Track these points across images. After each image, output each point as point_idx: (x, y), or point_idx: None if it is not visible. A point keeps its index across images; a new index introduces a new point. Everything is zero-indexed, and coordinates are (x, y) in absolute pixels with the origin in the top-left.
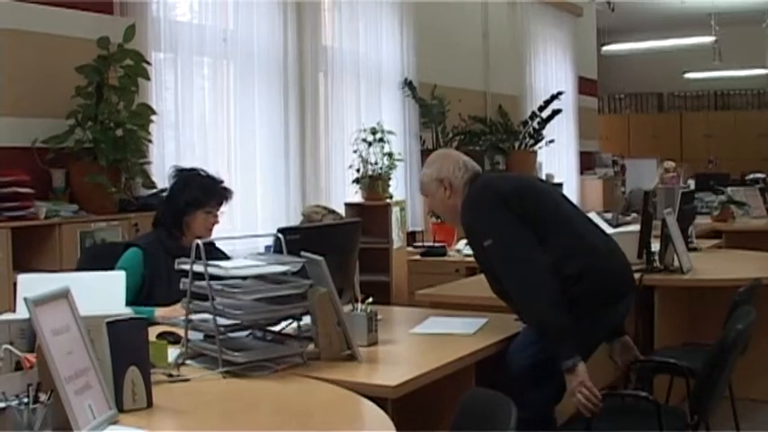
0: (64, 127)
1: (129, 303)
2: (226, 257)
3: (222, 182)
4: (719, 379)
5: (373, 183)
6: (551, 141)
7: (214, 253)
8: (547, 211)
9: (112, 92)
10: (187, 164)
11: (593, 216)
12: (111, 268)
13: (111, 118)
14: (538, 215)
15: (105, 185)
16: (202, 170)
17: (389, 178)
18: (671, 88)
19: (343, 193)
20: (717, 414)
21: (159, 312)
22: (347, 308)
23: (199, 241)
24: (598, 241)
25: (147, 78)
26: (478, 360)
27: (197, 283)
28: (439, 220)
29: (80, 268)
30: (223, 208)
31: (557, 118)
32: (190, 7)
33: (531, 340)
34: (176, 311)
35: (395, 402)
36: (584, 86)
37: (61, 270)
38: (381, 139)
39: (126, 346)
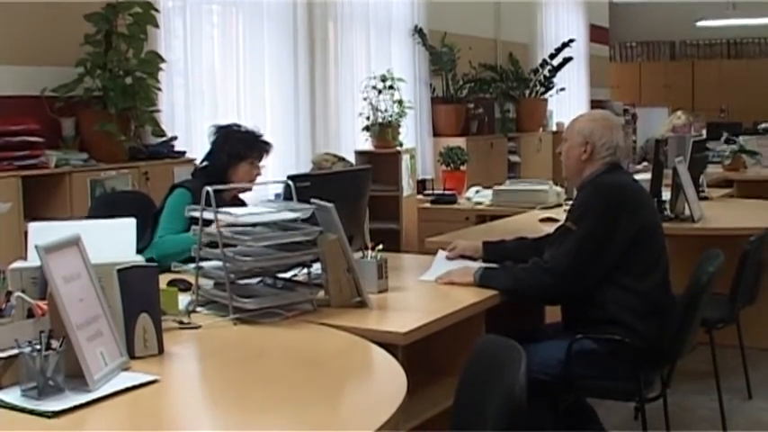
0: (73, 75)
1: None
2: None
3: (262, 135)
4: (693, 319)
5: (383, 130)
6: (562, 89)
7: (232, 202)
8: (647, 258)
9: (121, 40)
10: (196, 112)
11: None
12: (122, 216)
13: (120, 66)
14: (638, 254)
15: (115, 134)
16: (240, 125)
17: (399, 126)
18: (683, 36)
19: (352, 141)
20: (727, 366)
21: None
22: (357, 255)
23: (209, 188)
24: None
25: (156, 26)
26: (489, 307)
27: (207, 230)
28: (449, 168)
29: (91, 216)
30: (264, 161)
31: (567, 66)
32: None
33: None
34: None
35: (405, 349)
36: (596, 34)
37: (72, 218)
38: (391, 87)
39: (137, 294)
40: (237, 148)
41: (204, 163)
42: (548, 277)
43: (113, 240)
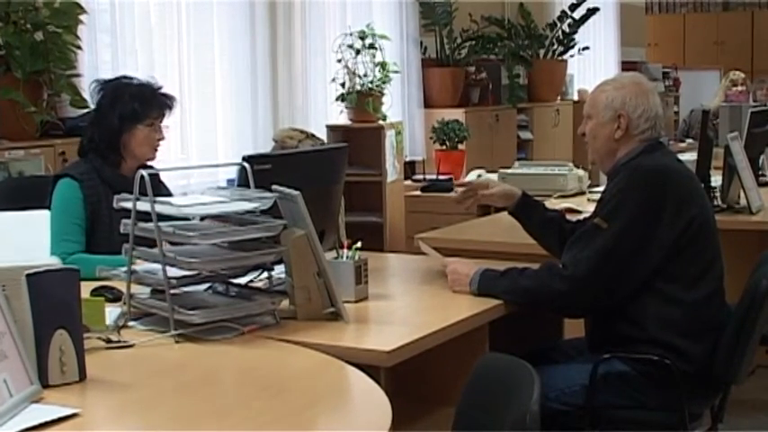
0: None
1: (88, 250)
2: (170, 195)
3: (160, 87)
4: (750, 336)
5: (362, 100)
6: (585, 48)
7: (157, 188)
8: (696, 262)
9: None
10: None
11: None
12: (33, 208)
13: (28, 18)
14: (685, 257)
15: (22, 104)
16: (132, 77)
17: (382, 94)
18: None
19: (324, 114)
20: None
21: None
22: (330, 255)
23: (144, 172)
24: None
25: None
26: (493, 320)
27: (142, 225)
28: (444, 147)
29: None
30: (166, 121)
31: (592, 19)
32: None
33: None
34: None
35: (389, 372)
36: None
37: None
38: (372, 46)
39: (52, 305)
40: (131, 107)
41: (92, 132)
42: (566, 287)
43: (21, 238)
